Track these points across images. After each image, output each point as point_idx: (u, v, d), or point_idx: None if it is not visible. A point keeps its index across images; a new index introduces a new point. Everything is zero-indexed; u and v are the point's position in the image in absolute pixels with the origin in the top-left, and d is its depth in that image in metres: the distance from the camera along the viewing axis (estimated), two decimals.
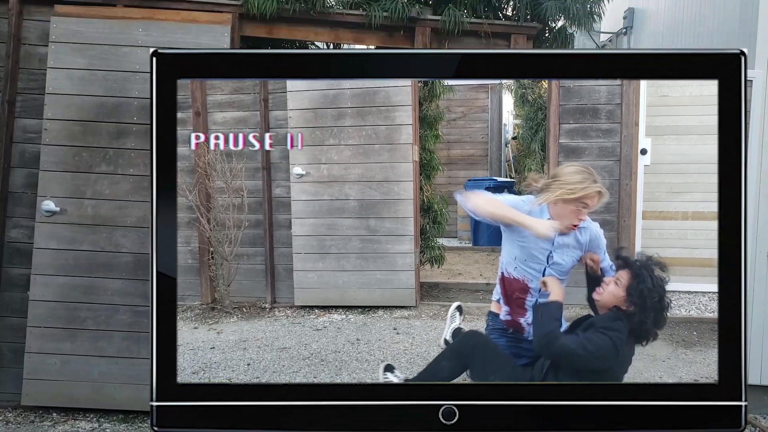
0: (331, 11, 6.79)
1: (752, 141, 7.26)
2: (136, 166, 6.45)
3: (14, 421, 6.32)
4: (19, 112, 6.66)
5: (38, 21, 6.65)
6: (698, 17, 10.55)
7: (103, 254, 6.43)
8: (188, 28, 6.49)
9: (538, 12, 6.89)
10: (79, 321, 6.41)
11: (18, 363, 6.46)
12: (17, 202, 6.66)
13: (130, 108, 6.43)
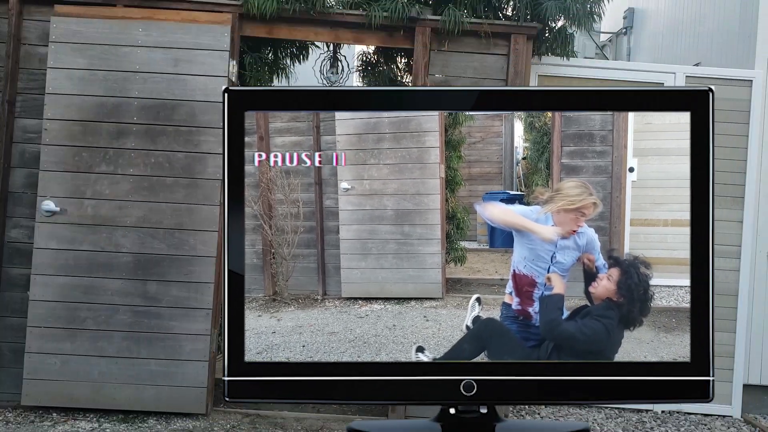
0: (331, 11, 6.92)
1: (752, 141, 7.67)
2: (136, 166, 6.59)
3: (14, 421, 6.47)
4: (19, 112, 6.82)
5: (38, 21, 6.81)
6: (698, 17, 10.63)
7: (103, 254, 6.59)
8: (188, 28, 6.66)
9: (538, 12, 7.01)
10: (79, 321, 6.58)
11: (18, 363, 6.62)
12: (17, 202, 6.82)
13: (130, 108, 6.61)
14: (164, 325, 6.48)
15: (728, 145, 7.76)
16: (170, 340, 6.47)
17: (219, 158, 6.55)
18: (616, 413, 7.62)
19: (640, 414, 7.64)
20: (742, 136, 7.78)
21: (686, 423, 7.41)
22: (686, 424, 7.36)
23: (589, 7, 7.21)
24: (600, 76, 7.94)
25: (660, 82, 7.78)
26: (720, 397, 7.76)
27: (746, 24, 8.68)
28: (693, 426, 7.33)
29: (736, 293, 7.74)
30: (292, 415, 6.82)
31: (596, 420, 7.35)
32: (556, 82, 7.75)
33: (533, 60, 7.42)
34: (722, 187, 7.80)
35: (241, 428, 6.34)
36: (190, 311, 6.47)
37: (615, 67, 8.84)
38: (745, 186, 7.81)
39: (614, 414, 7.59)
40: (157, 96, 6.66)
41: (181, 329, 6.47)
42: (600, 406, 7.59)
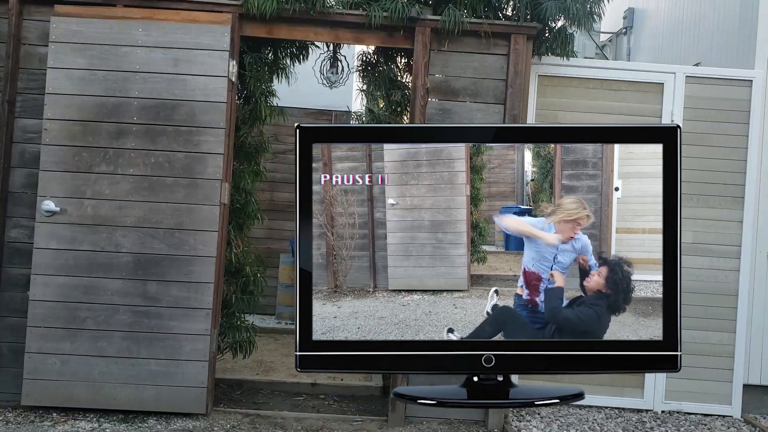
0: (331, 11, 7.20)
1: (752, 141, 8.00)
2: (136, 166, 6.89)
3: (14, 421, 6.76)
4: (19, 112, 7.12)
5: (38, 21, 7.11)
6: (698, 17, 10.90)
7: (103, 254, 6.88)
8: (188, 28, 6.96)
9: (538, 12, 7.29)
10: (79, 321, 6.85)
11: (18, 363, 6.89)
12: (17, 202, 7.11)
13: (130, 108, 6.92)
14: (164, 325, 6.75)
15: (728, 145, 8.07)
16: (170, 340, 6.74)
17: (219, 158, 6.90)
18: (616, 413, 7.90)
19: (640, 414, 7.92)
20: (742, 136, 8.06)
21: (686, 423, 7.70)
22: (686, 424, 7.65)
23: (589, 7, 7.44)
24: (600, 76, 8.21)
25: (660, 82, 8.11)
26: (720, 397, 8.08)
27: (746, 24, 8.97)
28: (693, 426, 7.62)
29: (736, 293, 8.04)
30: (292, 415, 7.19)
31: (596, 420, 7.63)
32: (556, 82, 8.08)
33: (533, 60, 7.67)
34: (722, 187, 8.12)
35: (241, 428, 6.64)
36: (190, 311, 6.75)
37: (615, 67, 9.06)
38: (745, 186, 8.09)
39: (614, 414, 7.87)
40: (157, 96, 6.94)
41: (181, 329, 6.74)
42: (600, 407, 7.92)
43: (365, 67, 8.83)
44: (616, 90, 8.25)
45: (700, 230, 8.15)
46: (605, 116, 8.20)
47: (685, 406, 8.11)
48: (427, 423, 7.16)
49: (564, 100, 8.23)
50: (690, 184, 8.04)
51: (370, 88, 8.89)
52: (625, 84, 8.23)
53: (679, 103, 8.17)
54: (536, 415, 7.62)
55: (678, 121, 7.87)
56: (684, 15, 11.74)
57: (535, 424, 7.40)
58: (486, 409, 6.91)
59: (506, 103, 7.35)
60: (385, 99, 8.58)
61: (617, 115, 8.19)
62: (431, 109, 7.37)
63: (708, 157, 8.14)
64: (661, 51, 13.00)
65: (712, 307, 8.12)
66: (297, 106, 11.42)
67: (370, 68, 8.78)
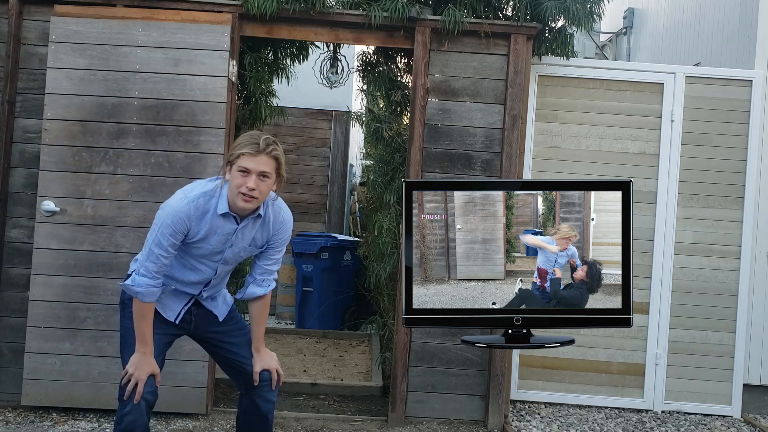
0: (331, 11, 8.37)
1: (752, 141, 9.41)
2: (136, 166, 8.04)
3: (14, 421, 7.80)
4: (19, 112, 8.27)
5: (38, 21, 8.29)
6: (698, 17, 12.14)
7: (103, 254, 8.02)
8: (188, 28, 8.15)
9: (538, 12, 8.43)
10: (79, 321, 7.99)
11: (18, 363, 8.04)
12: (17, 202, 8.22)
13: (129, 108, 8.09)
14: None
15: (728, 145, 9.33)
16: None
17: (219, 158, 7.97)
18: (616, 413, 9.14)
19: (640, 414, 9.14)
20: (742, 136, 9.35)
21: (686, 423, 8.92)
22: (686, 424, 8.87)
23: (589, 7, 8.57)
24: (600, 76, 9.42)
25: (660, 82, 9.40)
26: (720, 397, 9.34)
27: (746, 24, 10.21)
28: (693, 426, 8.83)
29: (736, 293, 9.37)
30: (291, 415, 8.37)
31: (596, 420, 8.85)
32: (556, 82, 9.42)
33: (533, 60, 8.87)
34: (722, 187, 9.35)
35: None
36: None
37: (615, 67, 10.11)
38: (745, 186, 9.34)
39: (614, 414, 9.10)
40: (157, 96, 8.08)
41: None
42: (600, 407, 9.35)
43: (365, 67, 9.92)
44: (615, 90, 9.44)
45: (700, 230, 9.44)
46: (605, 116, 9.44)
47: (685, 406, 9.34)
48: (427, 423, 8.36)
49: (564, 100, 9.41)
50: (690, 184, 9.36)
51: (370, 88, 9.92)
52: (625, 84, 9.47)
53: (679, 102, 9.39)
54: (536, 415, 8.91)
55: (678, 121, 9.40)
56: (684, 15, 13.31)
57: (535, 424, 8.62)
58: (486, 409, 8.39)
59: (506, 103, 8.45)
60: (385, 99, 9.71)
61: (617, 114, 9.43)
62: (431, 109, 8.48)
63: (708, 157, 9.37)
64: (661, 51, 14.68)
65: (712, 307, 9.43)
66: (297, 106, 12.83)
67: (370, 68, 9.88)
